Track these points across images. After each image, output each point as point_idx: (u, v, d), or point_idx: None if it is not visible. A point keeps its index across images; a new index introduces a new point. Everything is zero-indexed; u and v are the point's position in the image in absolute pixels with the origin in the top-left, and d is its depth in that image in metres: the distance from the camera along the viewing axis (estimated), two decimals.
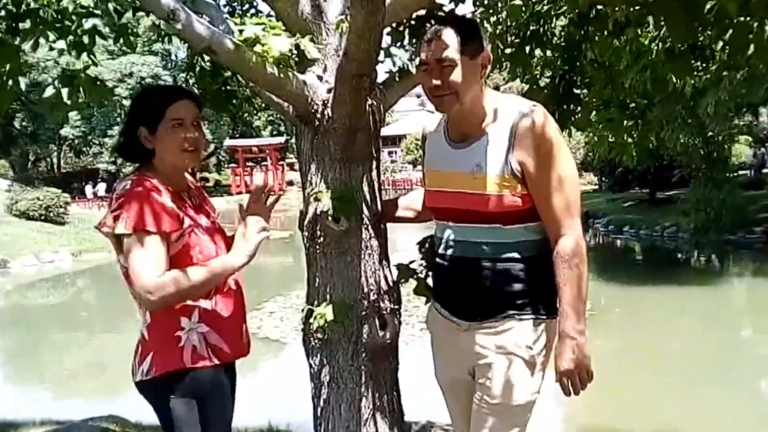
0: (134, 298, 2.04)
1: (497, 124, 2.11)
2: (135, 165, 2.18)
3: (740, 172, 20.95)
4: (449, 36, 2.07)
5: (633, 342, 8.96)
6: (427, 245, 2.52)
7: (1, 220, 20.25)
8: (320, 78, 2.43)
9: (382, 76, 2.62)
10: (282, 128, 46.00)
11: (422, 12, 2.71)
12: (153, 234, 1.98)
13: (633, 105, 3.09)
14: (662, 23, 2.85)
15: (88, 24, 2.97)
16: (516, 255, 2.12)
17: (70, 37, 3.03)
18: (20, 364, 9.92)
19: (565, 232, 2.05)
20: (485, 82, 2.17)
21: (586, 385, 2.07)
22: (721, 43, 2.88)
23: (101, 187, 37.12)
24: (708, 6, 2.45)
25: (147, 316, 2.09)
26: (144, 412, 2.68)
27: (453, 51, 2.06)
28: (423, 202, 2.57)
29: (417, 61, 2.46)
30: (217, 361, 2.10)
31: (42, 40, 3.09)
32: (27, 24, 3.00)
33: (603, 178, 25.43)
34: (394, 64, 2.49)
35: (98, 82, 2.99)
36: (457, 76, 2.06)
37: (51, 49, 3.10)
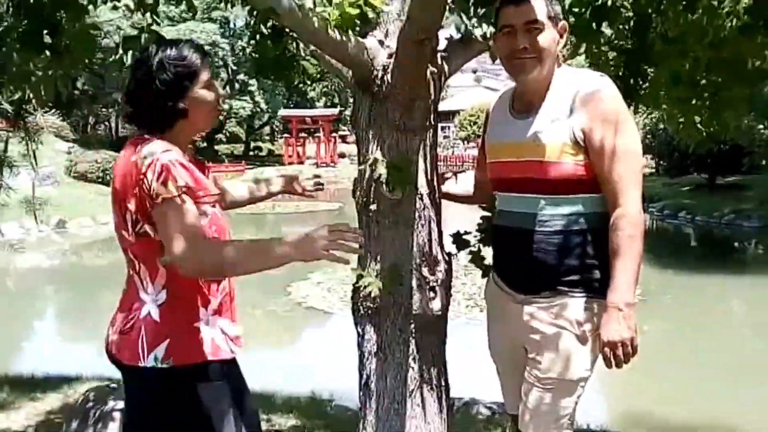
0: (149, 269, 1.90)
1: (562, 93, 2.07)
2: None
3: None
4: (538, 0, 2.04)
5: (682, 330, 8.79)
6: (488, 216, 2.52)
7: (60, 182, 20.82)
8: (381, 43, 2.37)
9: (442, 44, 2.56)
10: (336, 100, 46.03)
11: None
12: (199, 196, 1.87)
13: (705, 82, 2.96)
14: None
15: None
16: (574, 227, 2.07)
17: None
18: (74, 322, 10.24)
19: (623, 202, 1.99)
20: (560, 54, 2.13)
21: (629, 359, 1.98)
22: None
23: None
24: None
25: (161, 294, 1.90)
26: None
27: (542, 14, 2.03)
28: (474, 184, 2.55)
29: (483, 28, 2.41)
30: (234, 353, 2.00)
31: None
32: None
33: (660, 162, 24.73)
34: (458, 30, 2.42)
35: None
36: (543, 40, 2.03)
37: (115, 8, 3.11)
